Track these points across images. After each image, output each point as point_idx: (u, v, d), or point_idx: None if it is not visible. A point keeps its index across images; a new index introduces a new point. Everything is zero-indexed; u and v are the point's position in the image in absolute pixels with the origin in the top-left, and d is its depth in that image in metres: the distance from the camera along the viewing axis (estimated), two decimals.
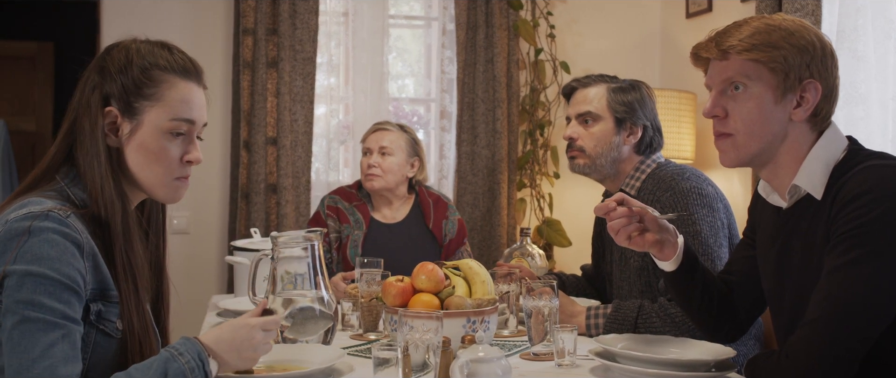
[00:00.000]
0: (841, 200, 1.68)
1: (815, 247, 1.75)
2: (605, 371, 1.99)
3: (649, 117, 2.68)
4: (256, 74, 4.25)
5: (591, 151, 2.65)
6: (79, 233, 1.62)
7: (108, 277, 1.68)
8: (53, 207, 1.62)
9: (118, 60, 1.75)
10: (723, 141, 1.85)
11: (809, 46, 1.76)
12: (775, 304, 1.94)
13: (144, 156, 1.76)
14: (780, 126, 1.79)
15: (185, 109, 1.79)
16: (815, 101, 1.77)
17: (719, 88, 1.83)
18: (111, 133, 1.74)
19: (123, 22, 4.23)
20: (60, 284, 1.57)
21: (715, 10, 4.34)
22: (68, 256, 1.59)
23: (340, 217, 3.38)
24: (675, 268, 2.03)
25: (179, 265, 4.36)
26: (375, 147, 3.39)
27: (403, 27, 4.86)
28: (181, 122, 1.78)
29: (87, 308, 1.64)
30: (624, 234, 1.99)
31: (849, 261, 1.64)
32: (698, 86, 4.40)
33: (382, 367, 1.74)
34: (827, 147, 1.79)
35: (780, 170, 1.83)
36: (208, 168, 4.43)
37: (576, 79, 2.77)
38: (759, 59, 1.76)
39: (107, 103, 1.74)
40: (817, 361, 1.64)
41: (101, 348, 1.67)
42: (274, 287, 2.13)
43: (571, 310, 2.46)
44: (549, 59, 4.69)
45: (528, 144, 4.69)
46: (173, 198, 1.84)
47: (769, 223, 1.93)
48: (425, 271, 2.16)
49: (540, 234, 4.59)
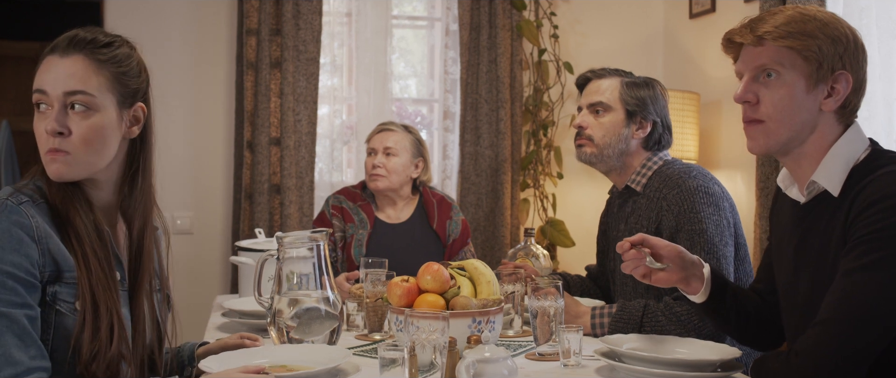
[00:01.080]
0: (861, 204, 1.68)
1: (830, 245, 1.75)
2: (610, 371, 1.99)
3: (660, 114, 2.68)
4: (260, 75, 4.25)
5: (600, 141, 2.65)
6: (29, 218, 1.69)
7: (67, 258, 1.74)
8: (8, 195, 1.71)
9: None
10: (753, 127, 1.84)
11: (843, 38, 1.77)
12: (788, 299, 1.94)
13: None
14: (809, 115, 1.79)
15: (37, 80, 1.78)
16: (845, 93, 1.78)
17: (752, 74, 1.83)
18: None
19: (126, 22, 4.23)
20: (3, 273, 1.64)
21: (718, 10, 4.34)
22: (14, 243, 1.67)
23: (345, 216, 3.38)
24: (705, 298, 2.04)
25: (183, 265, 4.36)
26: (380, 147, 3.40)
27: (407, 27, 4.86)
28: (34, 93, 1.78)
29: (43, 290, 1.71)
30: (638, 273, 2.01)
31: (865, 264, 1.63)
32: (702, 86, 4.41)
33: (389, 367, 1.74)
34: (848, 145, 1.79)
35: (803, 161, 1.83)
36: (212, 168, 4.44)
37: (591, 69, 2.76)
38: (793, 47, 1.77)
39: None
40: (828, 362, 1.64)
41: (61, 328, 1.73)
42: (279, 287, 2.13)
43: (576, 310, 2.46)
44: (553, 60, 4.69)
45: (532, 145, 4.69)
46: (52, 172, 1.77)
47: (787, 218, 1.93)
48: (431, 272, 2.16)
49: (543, 234, 4.59)
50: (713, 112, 4.38)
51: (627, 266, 2.01)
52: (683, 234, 2.45)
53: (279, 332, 2.10)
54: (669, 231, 2.48)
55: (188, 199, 4.42)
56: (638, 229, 2.57)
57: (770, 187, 3.59)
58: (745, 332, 2.10)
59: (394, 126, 3.48)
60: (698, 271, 2.03)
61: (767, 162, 3.60)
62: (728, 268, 2.45)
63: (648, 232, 2.52)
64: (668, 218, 2.49)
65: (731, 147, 4.27)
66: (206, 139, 4.42)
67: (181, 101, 4.34)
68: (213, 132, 4.43)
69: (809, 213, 1.84)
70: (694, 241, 2.43)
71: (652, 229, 2.52)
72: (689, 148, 4.17)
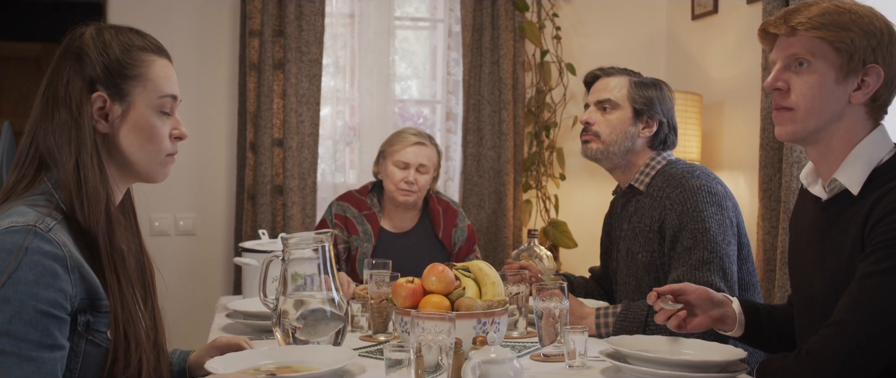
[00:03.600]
0: (882, 210, 1.69)
1: (846, 243, 1.76)
2: (616, 372, 1.99)
3: (667, 115, 2.69)
4: (263, 76, 4.25)
5: (606, 137, 2.66)
6: (61, 247, 1.54)
7: (97, 285, 1.61)
8: (36, 221, 1.54)
9: (95, 45, 1.71)
10: (782, 114, 1.86)
11: (877, 32, 1.78)
12: (802, 298, 1.94)
13: (139, 136, 1.73)
14: (838, 106, 1.80)
15: (169, 85, 1.79)
16: (875, 86, 1.79)
17: (784, 63, 1.85)
18: (101, 119, 1.70)
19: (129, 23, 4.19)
20: (38, 312, 1.50)
21: (720, 11, 4.34)
22: (48, 278, 1.51)
23: (349, 226, 3.36)
24: (743, 332, 2.08)
25: (186, 267, 4.36)
26: (415, 163, 3.35)
27: (409, 29, 4.86)
28: (167, 98, 1.78)
29: (74, 319, 1.58)
30: (672, 325, 2.06)
31: (883, 269, 1.64)
32: (704, 87, 4.42)
33: (395, 368, 1.74)
34: (873, 145, 1.81)
35: (830, 153, 1.84)
36: (214, 169, 4.44)
37: (600, 68, 2.78)
38: (825, 38, 1.78)
39: (93, 89, 1.68)
40: (840, 363, 1.64)
41: (90, 358, 1.62)
42: (285, 288, 2.13)
43: (581, 311, 2.46)
44: (555, 61, 4.70)
45: (534, 146, 4.69)
46: (164, 174, 1.81)
47: (809, 217, 1.94)
48: (436, 273, 2.16)
49: (546, 235, 4.59)
50: (716, 113, 4.38)
51: (659, 318, 2.07)
52: (686, 232, 2.45)
53: (285, 333, 2.10)
54: (672, 230, 2.48)
55: (191, 200, 4.42)
56: (641, 229, 2.58)
57: (773, 189, 3.59)
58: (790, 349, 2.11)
59: (426, 140, 3.42)
60: (729, 308, 2.08)
61: (770, 163, 3.60)
62: (731, 267, 2.45)
63: (651, 231, 2.53)
64: (671, 217, 2.50)
65: (733, 148, 4.27)
66: (208, 140, 4.42)
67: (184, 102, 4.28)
68: (215, 133, 4.44)
69: (829, 211, 1.85)
70: (697, 239, 2.44)
71: (655, 228, 2.53)
72: (692, 149, 4.18)
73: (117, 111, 1.71)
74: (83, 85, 1.68)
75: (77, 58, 1.70)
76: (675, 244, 2.48)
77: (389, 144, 3.43)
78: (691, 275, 2.41)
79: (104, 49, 1.71)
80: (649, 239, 2.56)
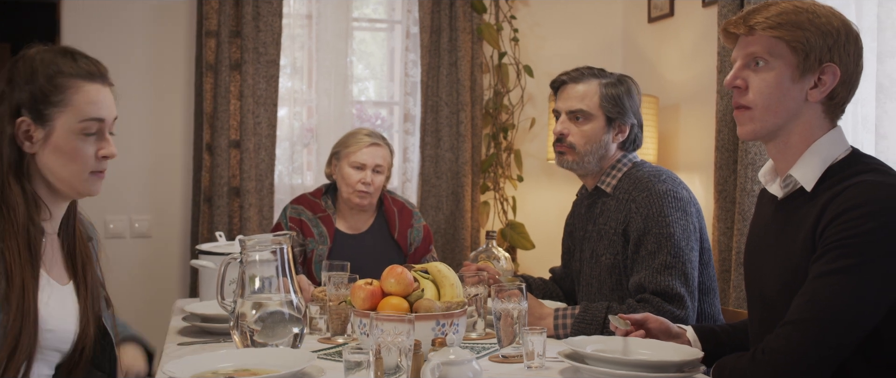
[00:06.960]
0: (834, 209, 1.71)
1: (798, 240, 1.79)
2: (574, 373, 2.00)
3: (636, 114, 2.71)
4: (219, 77, 4.22)
5: (581, 149, 2.66)
6: None
7: None
8: None
9: (24, 72, 1.88)
10: (741, 113, 1.89)
11: (834, 31, 1.81)
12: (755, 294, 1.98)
13: (59, 157, 1.90)
14: (795, 104, 1.84)
15: (93, 109, 1.92)
16: (832, 85, 1.82)
17: (743, 62, 1.89)
18: (26, 140, 1.88)
19: (83, 23, 4.19)
20: None
21: (676, 14, 4.39)
22: None
23: (304, 229, 3.34)
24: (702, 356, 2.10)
25: (141, 269, 4.32)
26: (371, 164, 3.34)
27: (367, 30, 4.85)
28: (90, 121, 1.92)
29: None
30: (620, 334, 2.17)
31: (837, 268, 1.67)
32: (660, 89, 4.46)
33: (354, 370, 1.74)
34: (829, 145, 1.84)
35: (788, 150, 1.87)
36: (170, 171, 4.40)
37: (565, 72, 2.76)
38: (781, 37, 1.82)
39: (18, 114, 1.87)
40: (795, 362, 1.67)
41: None
42: (242, 290, 2.12)
43: (539, 312, 2.47)
44: (513, 63, 4.71)
45: (492, 148, 4.71)
46: (91, 191, 1.97)
47: (766, 214, 1.98)
48: (394, 274, 2.16)
49: (504, 236, 4.61)
50: (671, 115, 4.42)
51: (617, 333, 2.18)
52: (651, 236, 2.48)
53: (242, 335, 2.09)
54: (637, 233, 2.50)
55: (146, 202, 4.37)
56: (606, 230, 2.60)
57: (728, 190, 3.64)
58: None
59: (380, 140, 3.41)
60: (684, 339, 2.15)
61: (725, 164, 3.64)
62: (692, 272, 2.48)
63: (616, 233, 2.56)
64: (636, 220, 2.52)
65: (689, 150, 4.32)
66: (164, 142, 4.37)
67: (139, 103, 4.29)
68: (171, 135, 4.39)
69: (784, 210, 1.88)
70: (661, 244, 2.46)
71: (620, 231, 2.55)
72: (649, 151, 4.21)
73: (40, 134, 1.89)
74: (9, 109, 1.87)
75: (9, 82, 1.89)
76: (639, 247, 2.50)
77: (344, 145, 3.41)
78: (653, 278, 2.44)
79: (31, 76, 1.88)
80: (613, 241, 2.58)
